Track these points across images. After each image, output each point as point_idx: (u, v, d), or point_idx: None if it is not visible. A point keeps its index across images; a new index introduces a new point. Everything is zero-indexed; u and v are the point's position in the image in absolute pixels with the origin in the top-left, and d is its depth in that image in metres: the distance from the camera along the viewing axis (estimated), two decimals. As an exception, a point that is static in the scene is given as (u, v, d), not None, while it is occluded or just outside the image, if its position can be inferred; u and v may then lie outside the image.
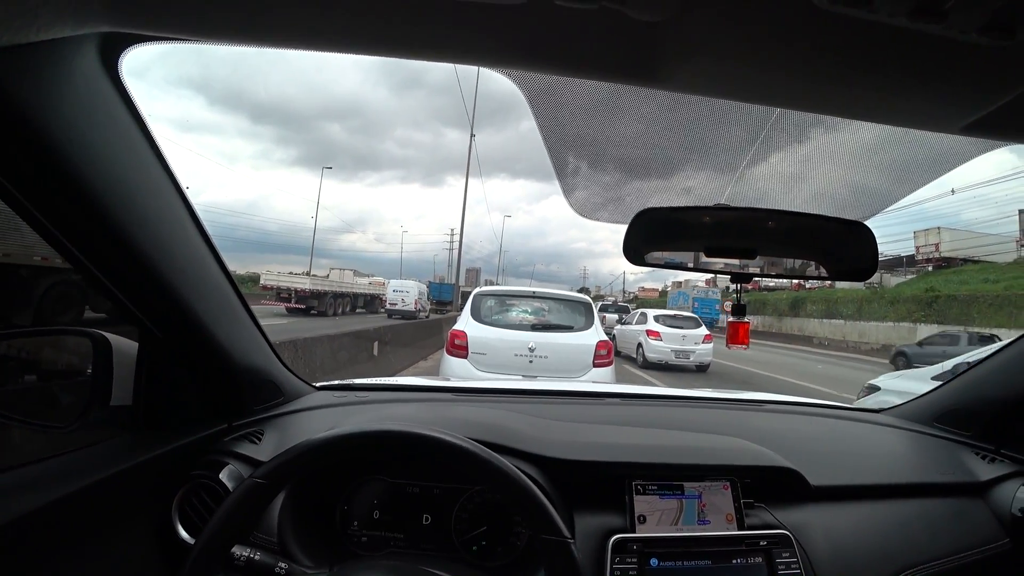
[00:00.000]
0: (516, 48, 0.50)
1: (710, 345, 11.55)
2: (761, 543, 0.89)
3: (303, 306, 23.79)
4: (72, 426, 0.81)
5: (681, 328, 11.59)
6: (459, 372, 4.60)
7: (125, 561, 0.79)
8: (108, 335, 0.84)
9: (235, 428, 0.99)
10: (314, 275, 27.38)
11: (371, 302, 31.33)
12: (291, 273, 28.28)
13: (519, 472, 0.71)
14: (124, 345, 0.85)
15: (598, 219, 0.90)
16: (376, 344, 8.55)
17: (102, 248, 0.70)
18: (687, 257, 0.89)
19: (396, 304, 28.39)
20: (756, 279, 0.93)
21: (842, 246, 0.89)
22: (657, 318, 12.13)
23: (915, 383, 4.30)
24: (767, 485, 0.99)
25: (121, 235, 0.69)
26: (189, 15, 0.48)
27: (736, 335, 0.94)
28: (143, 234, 0.72)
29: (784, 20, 0.43)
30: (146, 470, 0.81)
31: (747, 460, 1.01)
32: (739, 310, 0.94)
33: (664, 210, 0.86)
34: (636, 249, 0.88)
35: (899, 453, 1.26)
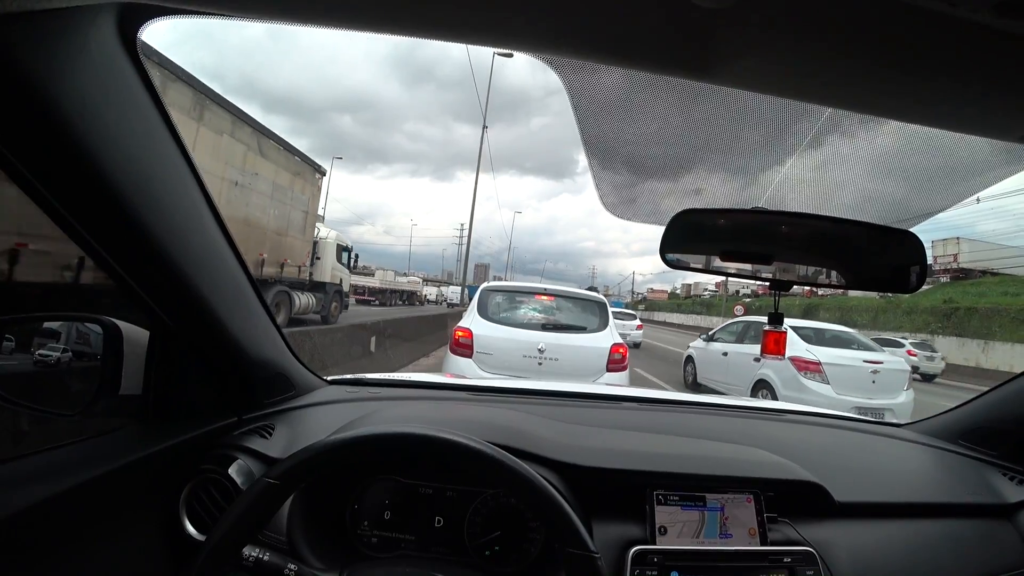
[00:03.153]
0: (563, 34, 0.46)
1: (641, 331, 19.02)
2: (785, 559, 0.87)
3: (371, 298, 32.75)
4: (80, 414, 0.80)
5: (621, 320, 16.87)
6: (463, 373, 4.23)
7: (130, 555, 0.77)
8: (119, 323, 0.82)
9: (245, 421, 0.98)
10: (382, 275, 37.99)
11: (409, 297, 41.54)
12: (364, 273, 38.63)
13: (546, 482, 0.68)
14: (135, 333, 0.83)
15: (629, 218, 0.86)
16: (373, 339, 7.61)
17: (113, 231, 0.67)
18: (725, 263, 0.85)
19: (454, 300, 41.17)
20: (777, 285, 0.88)
21: (887, 255, 0.85)
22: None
23: (702, 342, 8.86)
24: (790, 499, 0.96)
25: (134, 218, 0.66)
26: None
27: (770, 345, 0.89)
28: (157, 218, 0.70)
29: (857, 12, 0.40)
30: (154, 462, 0.80)
31: (771, 473, 0.97)
32: (776, 319, 0.89)
33: (702, 212, 0.82)
34: (673, 250, 0.84)
35: (924, 471, 1.23)
